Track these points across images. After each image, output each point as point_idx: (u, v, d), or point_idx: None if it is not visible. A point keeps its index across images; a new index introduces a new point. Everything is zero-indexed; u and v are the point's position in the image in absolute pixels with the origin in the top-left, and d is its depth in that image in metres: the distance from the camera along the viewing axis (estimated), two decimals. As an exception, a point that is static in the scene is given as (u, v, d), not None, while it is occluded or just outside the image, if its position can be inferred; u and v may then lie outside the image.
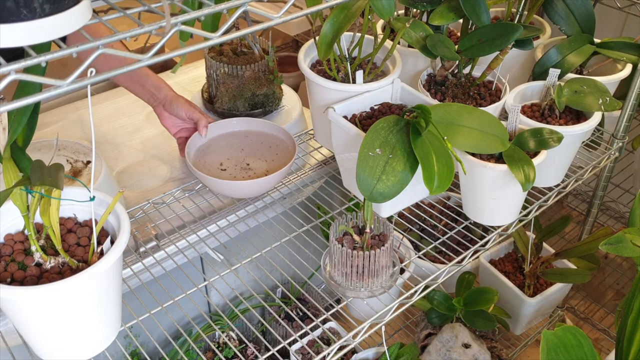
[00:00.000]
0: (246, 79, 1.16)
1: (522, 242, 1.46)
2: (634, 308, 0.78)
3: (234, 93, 1.17)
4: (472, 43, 0.98)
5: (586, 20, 1.16)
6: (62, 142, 1.10)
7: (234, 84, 1.17)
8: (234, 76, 1.16)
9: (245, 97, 1.18)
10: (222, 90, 1.17)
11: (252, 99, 1.19)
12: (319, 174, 1.21)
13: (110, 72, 0.47)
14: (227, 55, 1.18)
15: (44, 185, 0.60)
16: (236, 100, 1.18)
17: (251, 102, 1.19)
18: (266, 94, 1.20)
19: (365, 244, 0.86)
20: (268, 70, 1.19)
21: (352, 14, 0.89)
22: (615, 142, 1.23)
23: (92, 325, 0.72)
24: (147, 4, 0.55)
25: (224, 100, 1.18)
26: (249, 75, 1.16)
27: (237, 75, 1.15)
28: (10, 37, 0.42)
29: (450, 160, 0.80)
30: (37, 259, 0.69)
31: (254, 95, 1.18)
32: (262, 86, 1.18)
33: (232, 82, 1.17)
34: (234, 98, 1.18)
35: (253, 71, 1.16)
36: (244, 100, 1.18)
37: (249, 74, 1.16)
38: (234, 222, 1.10)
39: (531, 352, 1.64)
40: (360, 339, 0.86)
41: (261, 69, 1.17)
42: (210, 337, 1.34)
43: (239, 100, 1.18)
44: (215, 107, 1.21)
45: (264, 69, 1.18)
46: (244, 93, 1.17)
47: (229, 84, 1.17)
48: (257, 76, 1.17)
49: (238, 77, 1.16)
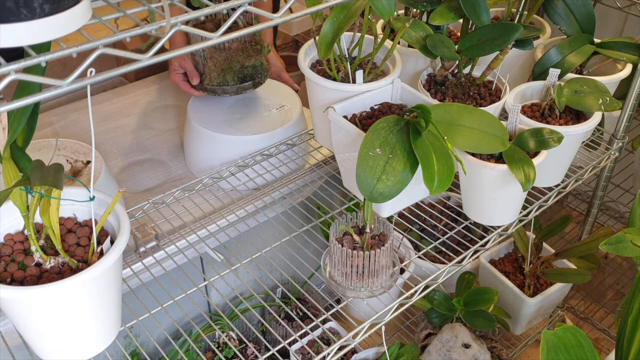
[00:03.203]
0: (233, 50, 1.15)
1: (522, 242, 1.46)
2: (634, 308, 0.78)
3: (222, 67, 1.17)
4: (472, 43, 0.98)
5: (586, 20, 1.16)
6: (62, 142, 1.10)
7: (222, 57, 1.16)
8: (221, 49, 1.15)
9: (234, 70, 1.17)
10: (210, 66, 1.17)
11: (241, 72, 1.18)
12: (319, 174, 1.21)
13: (110, 72, 0.47)
14: (212, 31, 1.18)
15: (44, 185, 0.60)
16: (225, 75, 1.17)
17: (240, 74, 1.19)
18: (254, 66, 1.19)
19: (365, 244, 0.86)
20: (254, 40, 1.18)
21: (352, 14, 0.89)
22: (615, 142, 1.23)
23: (92, 325, 0.72)
24: (147, 4, 0.55)
25: (212, 76, 1.18)
26: (236, 47, 1.15)
27: (224, 47, 1.14)
28: (10, 37, 0.42)
29: (450, 160, 0.80)
30: (37, 259, 0.69)
31: (242, 68, 1.18)
32: (250, 57, 1.18)
33: (219, 56, 1.16)
34: (222, 72, 1.17)
35: (239, 42, 1.15)
36: (233, 74, 1.17)
37: (236, 45, 1.15)
38: (234, 222, 1.10)
39: (531, 352, 1.64)
40: (360, 339, 0.86)
41: (247, 39, 1.16)
42: (210, 337, 1.34)
43: (228, 74, 1.17)
44: (204, 84, 1.20)
45: (250, 39, 1.17)
46: (233, 65, 1.16)
47: (217, 57, 1.16)
48: (244, 47, 1.16)
49: (225, 49, 1.15)
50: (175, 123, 1.43)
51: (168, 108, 1.49)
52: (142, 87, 1.57)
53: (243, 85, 1.19)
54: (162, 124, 1.42)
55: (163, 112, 1.47)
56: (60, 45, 0.45)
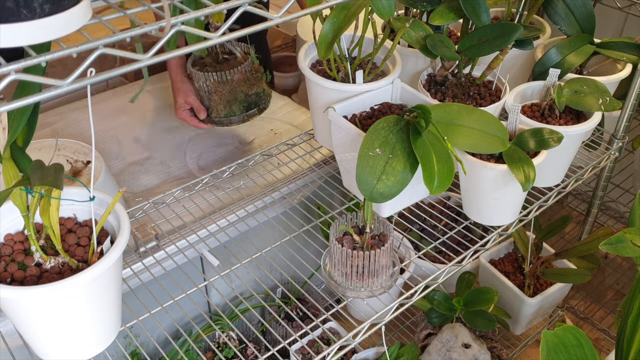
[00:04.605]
0: (236, 81, 1.19)
1: (522, 242, 1.46)
2: (634, 308, 0.78)
3: (227, 99, 1.20)
4: (472, 43, 0.98)
5: (586, 20, 1.16)
6: (62, 142, 1.10)
7: (226, 89, 1.19)
8: (224, 82, 1.18)
9: (239, 100, 1.20)
10: (215, 99, 1.20)
11: (245, 100, 1.21)
12: (319, 174, 1.21)
13: (109, 72, 0.47)
14: (211, 65, 1.21)
15: (44, 185, 0.60)
16: (231, 105, 1.20)
17: (245, 103, 1.22)
18: (257, 93, 1.22)
19: (365, 244, 0.86)
20: (254, 69, 1.21)
21: (352, 14, 0.89)
22: (615, 142, 1.23)
23: (92, 325, 0.72)
24: (147, 4, 0.55)
25: (219, 108, 1.21)
26: (238, 78, 1.19)
27: (227, 80, 1.18)
28: (10, 37, 0.42)
29: (450, 160, 0.80)
30: (37, 259, 0.69)
31: (247, 96, 1.21)
32: (252, 86, 1.21)
33: (224, 89, 1.19)
34: (229, 104, 1.20)
35: (242, 73, 1.19)
36: (238, 103, 1.20)
37: (239, 77, 1.19)
38: (234, 222, 1.10)
39: (531, 352, 1.64)
40: (360, 339, 0.86)
41: (248, 69, 1.19)
42: (210, 337, 1.34)
43: (234, 105, 1.20)
44: (212, 117, 1.23)
45: (250, 68, 1.20)
46: (238, 96, 1.19)
47: (221, 90, 1.19)
48: (246, 77, 1.20)
49: (229, 82, 1.18)
50: (175, 123, 1.43)
51: (168, 108, 1.49)
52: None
53: (249, 113, 1.22)
54: (162, 124, 1.42)
55: (163, 112, 1.47)
56: (60, 45, 0.45)
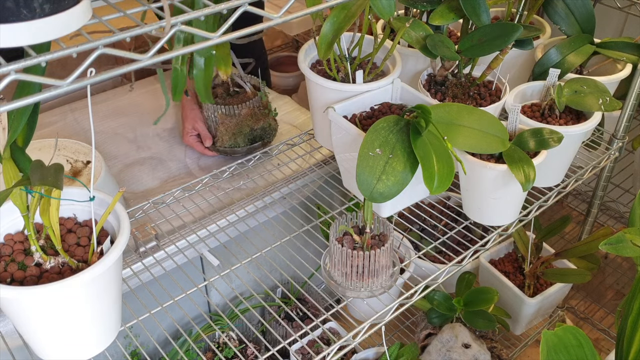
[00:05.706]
0: (243, 116, 1.22)
1: (522, 242, 1.46)
2: (634, 308, 0.78)
3: (233, 131, 1.23)
4: (472, 43, 0.98)
5: (586, 20, 1.16)
6: (62, 142, 1.10)
7: (233, 122, 1.22)
8: (231, 115, 1.21)
9: (244, 133, 1.23)
10: (222, 130, 1.23)
11: (250, 134, 1.24)
12: (318, 174, 1.21)
13: (109, 72, 0.47)
14: (222, 97, 1.25)
15: (44, 185, 0.60)
16: (236, 138, 1.23)
17: (250, 137, 1.25)
18: (263, 127, 1.25)
19: (365, 244, 0.86)
20: (262, 105, 1.24)
21: (352, 14, 0.89)
22: (615, 142, 1.23)
23: (92, 325, 0.72)
24: (147, 4, 0.55)
25: (224, 139, 1.24)
26: (245, 113, 1.22)
27: (235, 114, 1.21)
28: (10, 37, 0.42)
29: (450, 160, 0.80)
30: (37, 259, 0.69)
31: (252, 130, 1.24)
32: (258, 121, 1.24)
33: (230, 122, 1.22)
34: (234, 136, 1.23)
35: (249, 108, 1.22)
36: (243, 136, 1.24)
37: (246, 112, 1.22)
38: (234, 222, 1.10)
39: (531, 352, 1.64)
40: (360, 339, 0.86)
41: (256, 105, 1.23)
42: (210, 337, 1.34)
43: (239, 137, 1.23)
44: (217, 146, 1.26)
45: (258, 104, 1.24)
46: (243, 129, 1.23)
47: (228, 123, 1.22)
48: (253, 112, 1.23)
49: (235, 115, 1.22)
50: (175, 123, 1.43)
51: (168, 108, 1.49)
52: (142, 87, 1.57)
53: (253, 146, 1.25)
54: (162, 124, 1.42)
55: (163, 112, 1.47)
56: (60, 45, 0.45)
